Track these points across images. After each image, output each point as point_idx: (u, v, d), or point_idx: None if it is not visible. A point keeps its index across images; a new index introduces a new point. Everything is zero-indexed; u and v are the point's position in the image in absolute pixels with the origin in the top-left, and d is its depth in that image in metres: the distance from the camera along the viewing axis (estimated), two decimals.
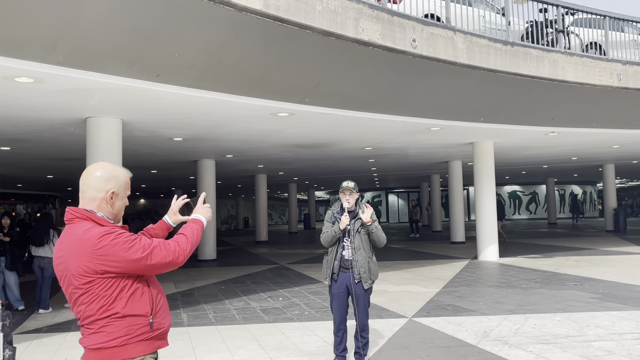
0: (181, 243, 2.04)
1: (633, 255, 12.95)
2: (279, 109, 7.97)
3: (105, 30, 5.27)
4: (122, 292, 1.93)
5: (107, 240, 1.87)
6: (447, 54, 7.98)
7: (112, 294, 1.92)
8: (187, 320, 6.83)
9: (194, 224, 2.19)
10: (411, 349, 5.17)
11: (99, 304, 1.91)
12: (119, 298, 1.93)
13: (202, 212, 2.28)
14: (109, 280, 1.91)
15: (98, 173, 2.06)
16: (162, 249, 1.96)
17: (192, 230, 2.13)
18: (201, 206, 2.31)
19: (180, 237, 2.08)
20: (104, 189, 2.04)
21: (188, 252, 2.05)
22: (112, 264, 1.88)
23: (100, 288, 1.90)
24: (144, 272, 1.98)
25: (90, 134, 7.98)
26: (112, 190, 2.05)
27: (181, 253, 2.01)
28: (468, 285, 8.99)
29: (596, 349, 4.99)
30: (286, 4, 5.97)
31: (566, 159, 19.06)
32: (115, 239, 1.88)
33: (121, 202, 2.11)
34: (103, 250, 1.86)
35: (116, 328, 1.93)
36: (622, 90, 10.47)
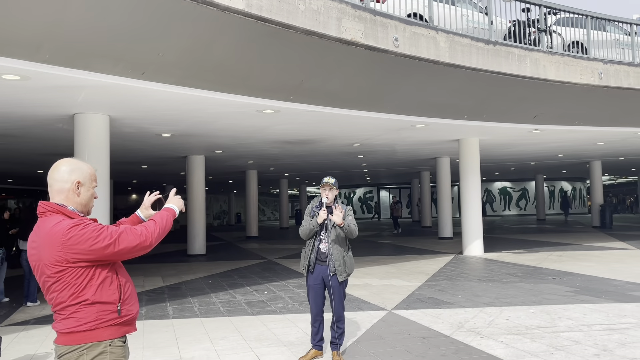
0: (149, 227, 2.19)
1: (615, 251, 13.22)
2: (264, 106, 8.11)
3: (90, 28, 5.38)
4: (92, 280, 2.08)
5: (75, 231, 2.01)
6: (430, 53, 8.15)
7: (83, 282, 2.06)
8: (173, 313, 6.98)
9: (165, 211, 2.35)
10: (387, 340, 5.36)
11: (70, 291, 2.05)
12: (89, 286, 2.07)
13: (174, 202, 2.44)
14: (80, 270, 2.06)
15: (63, 167, 2.20)
16: (129, 234, 2.11)
17: (161, 216, 2.29)
18: (173, 197, 2.46)
19: (149, 222, 2.23)
20: (69, 180, 2.17)
21: (156, 235, 2.19)
22: (82, 253, 2.03)
23: (71, 276, 2.04)
24: (114, 257, 2.11)
25: (78, 130, 8.09)
26: (78, 180, 2.19)
27: (148, 236, 2.15)
28: (450, 280, 9.20)
29: (564, 339, 5.19)
30: (269, 4, 6.10)
31: (553, 155, 19.32)
32: (83, 229, 2.02)
33: (87, 192, 2.23)
34: (72, 241, 2.01)
35: (86, 314, 2.07)
36: (603, 88, 10.68)
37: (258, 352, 5.05)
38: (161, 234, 2.22)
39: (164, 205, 2.50)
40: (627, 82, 10.92)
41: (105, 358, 2.09)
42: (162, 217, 2.28)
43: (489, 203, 40.02)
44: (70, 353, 2.07)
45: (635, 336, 5.20)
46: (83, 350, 2.07)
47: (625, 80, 10.89)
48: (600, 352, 4.71)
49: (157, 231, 2.20)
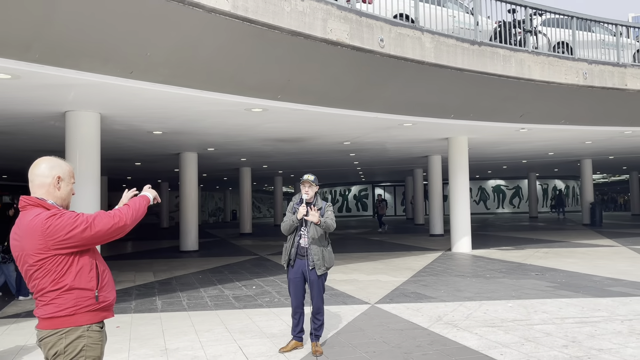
0: (122, 210, 2.37)
1: (601, 248, 13.45)
2: (252, 105, 8.27)
3: (79, 29, 5.53)
4: (71, 267, 2.25)
5: (52, 221, 2.19)
6: (415, 54, 8.33)
7: (63, 268, 2.23)
8: (161, 307, 7.15)
9: (139, 198, 2.53)
10: (367, 332, 5.54)
11: (51, 278, 2.22)
12: (69, 272, 2.24)
13: (148, 191, 2.62)
14: (60, 257, 2.22)
15: (44, 164, 2.37)
16: (103, 217, 2.28)
17: (134, 201, 2.47)
18: (147, 189, 2.65)
19: (122, 207, 2.42)
20: (50, 175, 2.34)
21: (130, 217, 2.36)
22: (61, 240, 2.20)
23: (52, 264, 2.21)
24: (92, 240, 2.27)
25: (69, 127, 8.23)
26: (58, 175, 2.36)
27: (122, 218, 2.32)
28: (435, 275, 9.39)
29: (537, 331, 5.39)
30: (254, 5, 6.26)
31: (543, 154, 19.54)
32: (60, 218, 2.20)
33: (67, 187, 2.40)
34: (50, 229, 2.18)
35: (65, 300, 2.24)
36: (588, 88, 10.89)
37: (241, 343, 5.22)
38: (135, 216, 2.39)
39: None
40: (612, 82, 11.12)
41: (83, 342, 2.26)
42: (135, 202, 2.46)
43: (483, 201, 40.29)
44: (50, 337, 2.24)
45: (605, 329, 5.40)
46: (62, 334, 2.24)
47: (609, 81, 11.09)
48: (569, 344, 4.91)
49: (131, 213, 2.37)
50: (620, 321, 5.70)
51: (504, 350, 4.75)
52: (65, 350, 2.21)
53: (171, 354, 4.91)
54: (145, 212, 2.49)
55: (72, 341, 2.23)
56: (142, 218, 2.48)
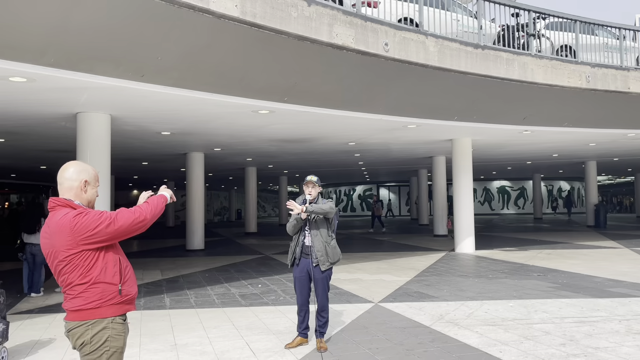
0: (142, 206, 2.56)
1: (604, 249, 13.54)
2: (259, 107, 8.44)
3: (93, 34, 5.72)
4: (97, 262, 2.44)
5: (79, 219, 2.38)
6: (419, 57, 8.46)
7: (89, 264, 2.42)
8: (170, 304, 7.34)
9: (158, 196, 2.71)
10: (370, 329, 5.70)
11: (78, 272, 2.41)
12: (95, 267, 2.43)
13: (164, 191, 2.80)
14: (87, 253, 2.41)
15: (72, 168, 2.57)
16: (125, 213, 2.47)
17: (153, 199, 2.65)
18: (164, 189, 2.82)
19: (143, 204, 2.60)
20: (78, 179, 2.54)
21: (149, 213, 2.54)
22: (88, 236, 2.38)
23: (80, 259, 2.40)
24: (116, 234, 2.44)
25: (80, 128, 8.43)
26: (85, 179, 2.56)
27: (142, 213, 2.51)
28: (438, 275, 9.54)
29: (536, 330, 5.53)
30: (262, 11, 6.43)
31: (547, 155, 19.62)
32: (86, 216, 2.39)
33: (93, 190, 2.61)
34: (78, 227, 2.37)
35: (92, 294, 2.42)
36: (590, 91, 10.99)
37: (248, 339, 5.39)
38: (154, 212, 2.57)
39: None
40: (615, 86, 11.22)
41: (108, 333, 2.44)
42: (153, 200, 2.64)
43: (488, 202, 40.36)
44: (77, 328, 2.43)
45: (603, 328, 5.54)
46: (88, 325, 2.42)
47: (612, 84, 11.19)
48: (567, 342, 5.05)
49: (150, 209, 2.55)
50: (619, 321, 5.84)
51: (503, 348, 4.89)
52: (91, 340, 2.39)
53: (181, 349, 5.08)
54: (164, 209, 2.67)
55: (98, 332, 2.41)
56: (160, 214, 2.66)
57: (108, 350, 2.42)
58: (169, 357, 4.83)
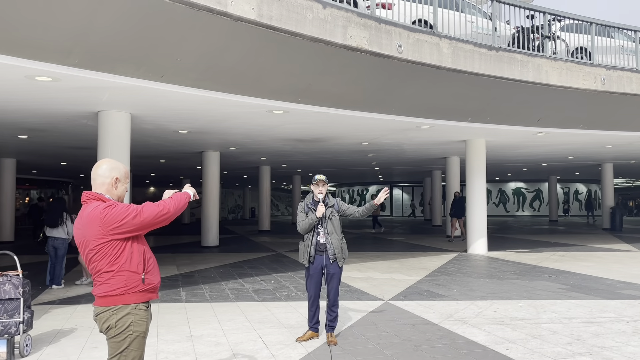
0: (166, 201, 2.75)
1: (618, 252, 13.48)
2: (274, 107, 8.62)
3: (115, 36, 5.93)
4: (124, 252, 2.63)
5: (109, 211, 2.58)
6: (433, 59, 8.56)
7: (117, 253, 2.62)
8: (185, 298, 7.55)
9: (182, 193, 2.89)
10: (379, 325, 5.83)
11: (107, 260, 2.61)
12: (121, 256, 2.62)
13: (188, 189, 2.99)
14: (115, 242, 2.61)
15: (105, 165, 2.79)
16: (150, 206, 2.67)
17: (177, 195, 2.83)
18: (188, 187, 3.01)
19: (167, 199, 2.79)
20: (110, 176, 2.75)
21: (173, 207, 2.72)
22: (117, 227, 2.58)
23: (108, 248, 2.60)
24: (142, 226, 2.63)
25: (101, 126, 8.69)
26: (116, 176, 2.78)
27: (166, 207, 2.69)
28: (449, 275, 9.63)
29: (543, 329, 5.61)
30: (278, 14, 6.59)
31: (563, 157, 19.51)
32: (115, 209, 2.60)
33: (123, 186, 2.83)
34: (108, 217, 2.57)
35: (117, 281, 2.62)
36: (606, 94, 10.97)
37: (260, 332, 5.57)
38: (177, 206, 2.75)
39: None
40: (630, 88, 11.18)
41: (131, 318, 2.63)
42: (177, 195, 2.83)
43: (503, 203, 40.12)
44: (103, 313, 2.63)
45: (611, 329, 5.60)
46: (114, 311, 2.62)
47: (628, 86, 11.15)
48: (574, 341, 5.13)
49: (173, 203, 2.74)
50: (626, 322, 5.89)
51: (510, 346, 5.00)
52: (116, 324, 2.58)
53: (196, 340, 5.27)
54: (186, 205, 2.86)
55: (122, 317, 2.59)
56: (183, 209, 2.85)
57: (131, 334, 2.60)
58: (185, 347, 5.02)
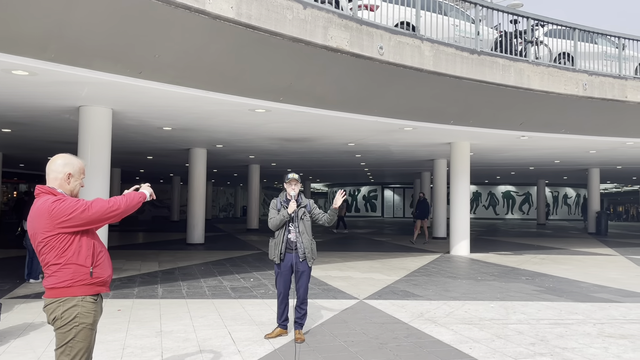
0: (118, 198, 2.78)
1: (598, 256, 13.62)
2: (256, 106, 8.66)
3: (92, 31, 5.96)
4: (72, 245, 2.67)
5: (57, 204, 2.62)
6: (414, 61, 8.63)
7: (64, 246, 2.65)
8: (162, 294, 7.58)
9: (137, 192, 2.93)
10: (349, 323, 5.89)
11: (54, 253, 2.64)
12: (69, 249, 2.66)
13: (145, 189, 3.02)
14: (63, 236, 2.64)
15: (59, 161, 2.81)
16: (100, 202, 2.70)
17: (130, 194, 2.87)
18: (145, 187, 3.04)
19: (119, 196, 2.82)
20: (62, 172, 2.79)
21: (124, 205, 2.75)
22: (64, 220, 2.61)
23: (56, 241, 2.64)
24: (90, 221, 2.66)
25: (82, 121, 8.70)
26: (69, 172, 2.81)
27: (116, 203, 2.72)
28: (427, 276, 9.70)
29: (510, 330, 5.69)
30: (258, 13, 6.64)
31: (549, 161, 19.67)
32: (63, 203, 2.63)
33: (76, 182, 2.85)
34: (56, 211, 2.61)
35: (64, 273, 2.65)
36: (587, 99, 11.10)
37: (231, 328, 5.61)
38: (128, 204, 2.78)
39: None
40: (612, 94, 11.31)
41: (77, 310, 2.67)
42: (131, 194, 2.86)
43: (492, 206, 40.34)
44: (51, 304, 2.67)
45: (576, 330, 5.69)
46: (60, 302, 2.65)
47: (609, 92, 11.28)
48: (537, 342, 5.21)
49: (125, 201, 2.77)
50: (593, 324, 5.98)
51: (473, 345, 5.07)
52: (62, 315, 2.62)
53: (165, 336, 5.31)
54: (140, 204, 2.89)
55: (68, 308, 2.63)
56: (136, 208, 2.87)
57: (77, 326, 2.64)
58: (153, 342, 5.06)
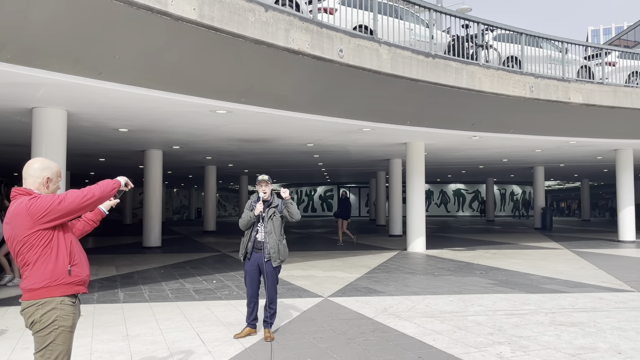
0: (91, 187, 2.80)
1: (545, 250, 14.35)
2: (217, 107, 8.65)
3: (50, 32, 5.82)
4: (51, 243, 2.67)
5: (34, 201, 2.63)
6: (372, 64, 8.86)
7: (44, 243, 2.66)
8: (123, 298, 7.46)
9: (111, 180, 2.94)
10: (316, 321, 6.02)
11: (33, 252, 2.64)
12: (48, 247, 2.66)
13: (121, 178, 3.05)
14: (42, 233, 2.65)
15: (36, 165, 2.81)
16: (74, 192, 2.72)
17: (104, 181, 2.88)
18: (121, 177, 3.06)
19: (93, 185, 2.84)
20: (41, 176, 2.79)
21: (98, 191, 2.77)
22: (43, 215, 2.62)
23: (35, 239, 2.64)
24: (67, 211, 2.67)
25: (35, 123, 8.42)
26: (47, 176, 2.81)
27: (90, 191, 2.75)
28: (388, 272, 9.97)
29: (469, 321, 5.98)
30: (220, 15, 6.66)
31: (497, 160, 20.50)
32: (40, 199, 2.65)
33: (54, 186, 2.86)
34: (33, 207, 2.61)
35: (43, 273, 2.65)
36: (534, 101, 11.69)
37: (198, 330, 5.62)
38: (102, 191, 2.80)
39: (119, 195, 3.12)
40: (556, 96, 11.96)
41: (56, 313, 2.66)
42: (104, 181, 2.88)
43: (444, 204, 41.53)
44: (29, 308, 2.65)
45: (530, 320, 6.04)
46: (39, 305, 2.64)
47: (554, 94, 11.93)
48: (495, 332, 5.51)
49: (99, 188, 2.80)
50: (545, 314, 6.36)
51: (436, 337, 5.31)
52: (40, 319, 2.61)
53: (132, 339, 5.26)
54: (114, 192, 2.91)
55: (47, 312, 2.63)
56: (111, 195, 2.89)
57: (57, 329, 2.64)
58: (121, 346, 5.01)
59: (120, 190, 3.08)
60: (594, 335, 5.35)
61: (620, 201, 16.91)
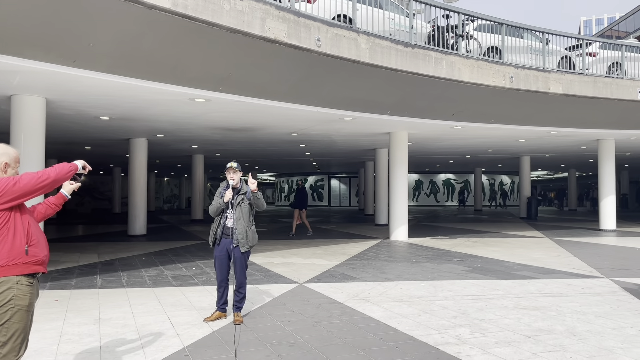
0: (47, 169, 2.91)
1: (526, 238, 14.57)
2: (195, 95, 8.70)
3: (23, 19, 5.85)
4: (7, 224, 2.77)
5: None
6: (351, 54, 8.93)
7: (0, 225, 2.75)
8: (101, 284, 7.56)
9: (65, 163, 3.04)
10: (287, 305, 6.16)
11: None
12: (4, 228, 2.77)
13: (78, 161, 3.16)
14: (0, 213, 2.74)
15: None
16: (29, 174, 2.83)
17: (60, 164, 2.99)
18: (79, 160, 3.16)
19: (48, 168, 2.94)
20: None
21: (53, 174, 2.88)
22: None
23: None
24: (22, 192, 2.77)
25: (14, 111, 8.44)
26: (5, 161, 2.91)
27: (45, 173, 2.86)
28: (367, 260, 10.12)
29: (436, 305, 6.13)
30: (194, 3, 6.70)
31: (483, 150, 20.67)
32: None
33: (12, 171, 2.95)
34: None
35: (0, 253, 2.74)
36: (514, 91, 11.82)
37: (170, 314, 5.74)
38: (59, 173, 2.92)
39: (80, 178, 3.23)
40: (536, 86, 12.09)
41: (12, 292, 2.76)
42: (60, 164, 2.99)
43: (434, 194, 41.77)
44: None
45: (495, 304, 6.20)
46: None
47: (534, 84, 12.05)
48: (459, 315, 5.67)
49: (54, 170, 2.91)
50: (511, 299, 6.53)
51: (401, 320, 5.46)
52: None
53: (103, 323, 5.38)
54: (70, 174, 3.03)
55: (3, 291, 2.73)
56: (66, 178, 3.01)
57: (13, 308, 2.74)
58: (91, 329, 5.12)
59: (80, 173, 3.19)
60: (554, 318, 5.52)
61: (601, 190, 17.14)
